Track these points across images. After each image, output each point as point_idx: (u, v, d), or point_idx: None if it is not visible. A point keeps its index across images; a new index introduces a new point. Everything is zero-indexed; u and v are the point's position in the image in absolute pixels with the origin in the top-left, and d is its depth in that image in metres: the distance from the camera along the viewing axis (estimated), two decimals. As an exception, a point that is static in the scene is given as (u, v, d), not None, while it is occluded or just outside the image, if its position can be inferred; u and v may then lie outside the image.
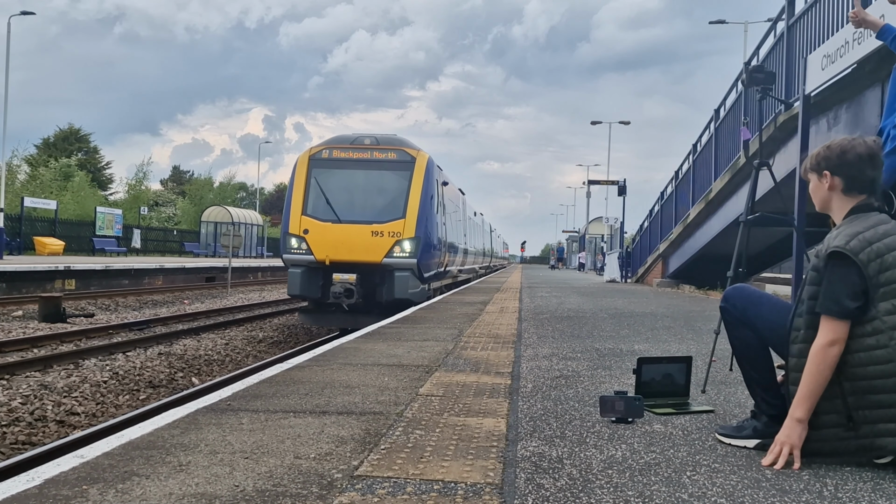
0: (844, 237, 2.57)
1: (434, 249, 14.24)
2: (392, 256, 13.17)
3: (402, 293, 13.00)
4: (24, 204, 35.35)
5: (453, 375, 4.50)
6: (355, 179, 13.82)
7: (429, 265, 13.86)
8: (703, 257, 16.76)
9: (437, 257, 14.79)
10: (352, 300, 12.94)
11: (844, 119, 8.95)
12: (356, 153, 13.87)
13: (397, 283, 13.08)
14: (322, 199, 13.60)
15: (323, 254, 13.17)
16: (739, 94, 13.26)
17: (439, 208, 15.20)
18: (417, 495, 2.24)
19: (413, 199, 13.42)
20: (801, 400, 2.56)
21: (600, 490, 2.32)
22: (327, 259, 13.15)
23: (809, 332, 2.60)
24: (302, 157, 14.10)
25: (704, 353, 5.43)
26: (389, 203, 13.63)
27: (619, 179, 27.83)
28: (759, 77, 5.05)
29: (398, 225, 13.27)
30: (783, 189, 5.70)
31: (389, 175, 13.86)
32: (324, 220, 13.40)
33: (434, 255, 14.31)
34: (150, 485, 2.29)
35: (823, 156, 2.75)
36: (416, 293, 13.18)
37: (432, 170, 14.33)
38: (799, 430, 2.57)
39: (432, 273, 14.45)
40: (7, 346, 10.59)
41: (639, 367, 3.64)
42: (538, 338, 6.75)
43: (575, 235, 65.99)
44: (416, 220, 13.25)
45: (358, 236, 13.17)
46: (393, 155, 13.86)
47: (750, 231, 4.64)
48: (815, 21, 9.52)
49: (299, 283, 13.25)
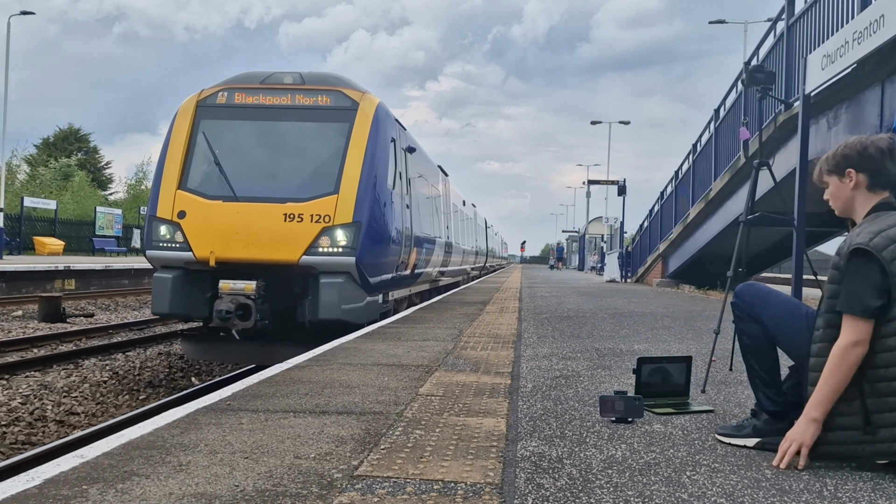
0: (867, 234, 2.52)
1: (389, 242, 9.45)
2: (316, 253, 8.37)
3: (331, 310, 8.28)
4: (23, 204, 35.37)
5: (453, 375, 4.50)
6: (265, 136, 9.23)
7: (379, 266, 9.11)
8: (703, 257, 16.76)
9: (396, 254, 9.89)
10: (247, 323, 8.20)
11: (844, 119, 8.95)
12: (269, 97, 9.17)
13: (324, 294, 8.27)
14: (210, 165, 8.84)
15: (206, 249, 8.41)
16: (739, 94, 13.27)
17: (400, 182, 10.38)
18: (417, 495, 2.24)
19: (352, 165, 8.62)
20: (819, 400, 2.51)
21: (600, 490, 2.32)
22: (212, 257, 8.37)
23: (828, 332, 2.56)
24: (185, 104, 9.26)
25: (704, 353, 5.43)
26: (315, 171, 8.94)
27: (619, 179, 27.85)
28: (759, 77, 5.05)
29: (327, 204, 8.45)
30: (783, 189, 5.70)
31: (317, 129, 9.22)
32: (211, 198, 8.58)
33: (389, 250, 9.47)
34: (150, 485, 2.29)
35: (843, 154, 2.71)
36: (357, 310, 8.58)
37: (386, 123, 9.48)
38: (813, 430, 2.52)
39: (388, 278, 9.67)
40: (7, 346, 10.58)
41: (639, 367, 3.64)
42: (538, 338, 6.75)
43: (575, 235, 65.98)
44: (358, 196, 8.50)
45: (263, 222, 8.41)
46: (325, 100, 9.10)
47: (750, 231, 4.64)
48: (815, 21, 9.52)
49: (169, 296, 8.44)
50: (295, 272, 8.58)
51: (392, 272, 9.84)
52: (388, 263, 9.51)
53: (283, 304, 8.78)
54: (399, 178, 10.34)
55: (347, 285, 8.42)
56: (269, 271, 8.52)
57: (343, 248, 8.42)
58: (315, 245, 8.38)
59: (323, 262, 8.40)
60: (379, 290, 9.35)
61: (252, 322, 8.22)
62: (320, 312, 8.30)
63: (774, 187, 4.99)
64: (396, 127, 10.38)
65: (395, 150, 10.09)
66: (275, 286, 8.63)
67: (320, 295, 8.31)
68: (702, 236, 16.42)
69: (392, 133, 9.86)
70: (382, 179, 9.18)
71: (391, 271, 9.77)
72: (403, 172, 10.78)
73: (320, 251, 8.39)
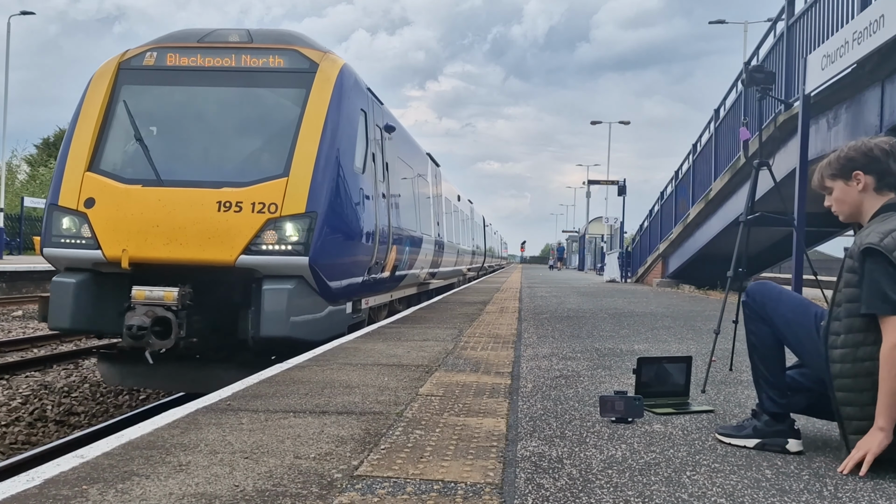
0: (877, 234, 2.50)
1: (357, 238, 7.75)
2: (259, 251, 6.62)
3: (275, 325, 6.53)
4: (23, 204, 35.38)
5: (453, 375, 4.50)
6: (200, 105, 7.50)
7: (343, 267, 7.41)
8: (703, 257, 16.77)
9: (368, 253, 8.15)
10: (166, 342, 6.41)
11: (844, 119, 8.96)
12: (209, 58, 7.44)
13: (267, 304, 6.54)
14: (130, 141, 7.18)
15: (118, 246, 6.66)
16: (739, 94, 13.27)
17: (373, 166, 8.60)
18: (417, 495, 2.24)
19: (307, 141, 6.94)
20: (882, 408, 2.44)
21: (600, 490, 2.32)
22: (125, 257, 6.61)
23: (850, 337, 2.52)
24: (103, 67, 7.52)
25: (704, 353, 5.43)
26: (261, 148, 7.30)
27: (619, 179, 27.85)
28: (759, 77, 5.05)
29: (274, 189, 6.75)
30: (783, 189, 5.70)
31: (266, 96, 7.50)
32: (128, 182, 6.86)
33: (357, 247, 7.78)
34: (150, 485, 2.29)
35: (847, 157, 2.68)
36: (314, 323, 6.88)
37: (354, 91, 7.80)
38: (880, 438, 2.45)
39: (357, 282, 7.94)
40: (7, 346, 10.59)
41: (639, 367, 3.64)
42: (538, 338, 6.75)
43: (575, 235, 66.00)
44: (314, 180, 6.81)
45: (191, 212, 6.68)
46: (277, 61, 7.41)
47: (750, 231, 4.64)
48: (815, 21, 9.52)
49: (70, 306, 6.73)
50: (232, 276, 6.79)
51: (363, 275, 8.05)
52: (356, 264, 7.75)
53: (220, 316, 6.96)
54: (372, 161, 8.53)
55: (299, 292, 6.67)
56: (199, 275, 6.71)
57: (293, 246, 6.65)
58: (257, 241, 6.60)
59: (267, 264, 6.62)
60: (345, 297, 7.64)
61: (173, 340, 6.37)
62: (262, 328, 6.49)
63: (774, 187, 4.99)
64: (369, 98, 8.61)
65: (367, 125, 8.37)
66: (207, 294, 6.80)
67: (263, 305, 6.51)
68: (702, 236, 16.43)
69: (362, 104, 8.13)
70: (348, 160, 7.42)
71: (361, 273, 8.00)
72: (379, 154, 8.97)
73: (264, 249, 6.61)
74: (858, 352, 2.51)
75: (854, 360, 2.51)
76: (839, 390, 2.56)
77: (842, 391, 2.55)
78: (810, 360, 2.79)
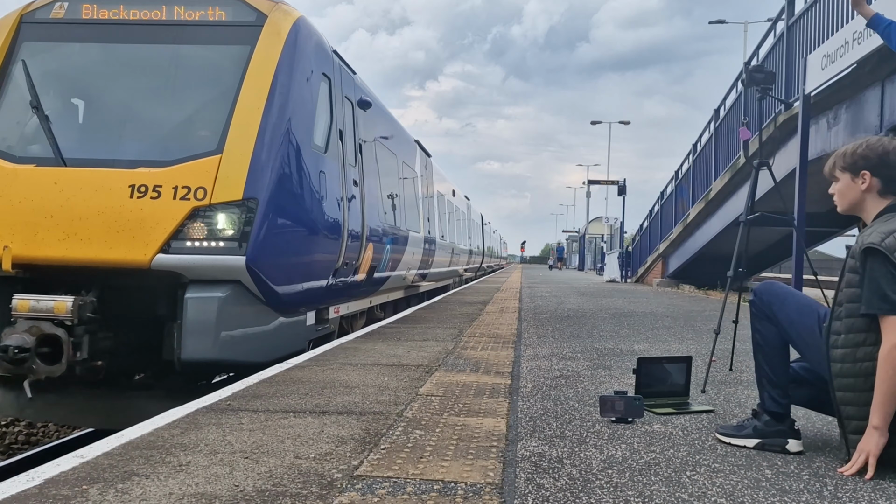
0: (879, 234, 2.50)
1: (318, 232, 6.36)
2: (182, 249, 5.32)
3: (200, 344, 5.23)
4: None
5: (453, 375, 4.50)
6: (120, 67, 6.08)
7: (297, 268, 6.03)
8: (703, 257, 16.77)
9: (334, 250, 6.73)
10: (54, 368, 4.99)
11: (844, 119, 8.96)
12: (133, 10, 6.11)
13: (191, 316, 5.25)
14: (27, 110, 5.78)
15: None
16: (739, 94, 13.27)
17: (340, 146, 7.08)
18: (417, 495, 2.24)
19: (248, 110, 5.62)
20: (876, 407, 2.45)
21: (600, 490, 2.32)
22: (6, 256, 5.30)
23: (851, 337, 2.53)
24: (1, 21, 6.21)
25: (704, 353, 5.44)
26: (189, 119, 5.90)
27: (619, 179, 27.88)
28: (759, 77, 5.04)
29: (202, 170, 5.42)
30: (783, 189, 5.70)
31: (201, 55, 6.08)
32: (19, 161, 5.58)
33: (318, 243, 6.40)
34: (150, 485, 2.29)
35: (861, 155, 2.66)
36: (254, 339, 5.60)
37: (312, 50, 6.45)
38: (876, 438, 2.45)
39: (319, 286, 6.53)
40: (7, 345, 10.57)
41: (639, 367, 3.64)
42: (538, 338, 6.75)
43: (575, 235, 66.03)
44: (255, 158, 5.48)
45: (95, 198, 5.34)
46: (217, 13, 6.06)
47: (750, 231, 4.64)
48: (815, 21, 9.52)
49: None
50: (149, 281, 5.38)
51: (327, 277, 6.63)
52: (317, 264, 6.37)
53: (138, 332, 5.60)
54: (339, 140, 7.00)
55: (234, 301, 5.32)
56: (108, 280, 5.37)
57: (226, 242, 5.29)
58: (180, 236, 5.23)
59: (193, 265, 5.22)
60: (303, 306, 6.29)
61: (64, 365, 4.93)
62: (184, 348, 5.13)
63: (774, 187, 4.99)
64: (335, 63, 7.09)
65: (332, 94, 6.86)
66: (118, 304, 5.45)
67: (184, 319, 5.16)
68: (702, 236, 16.43)
69: (325, 67, 6.63)
70: (304, 135, 6.07)
71: (326, 276, 6.59)
72: (348, 132, 7.41)
73: (189, 247, 5.22)
74: (858, 352, 2.51)
75: (854, 359, 2.52)
76: (839, 389, 2.56)
77: (842, 391, 2.55)
78: (814, 360, 2.79)
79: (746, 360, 5.08)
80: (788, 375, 2.89)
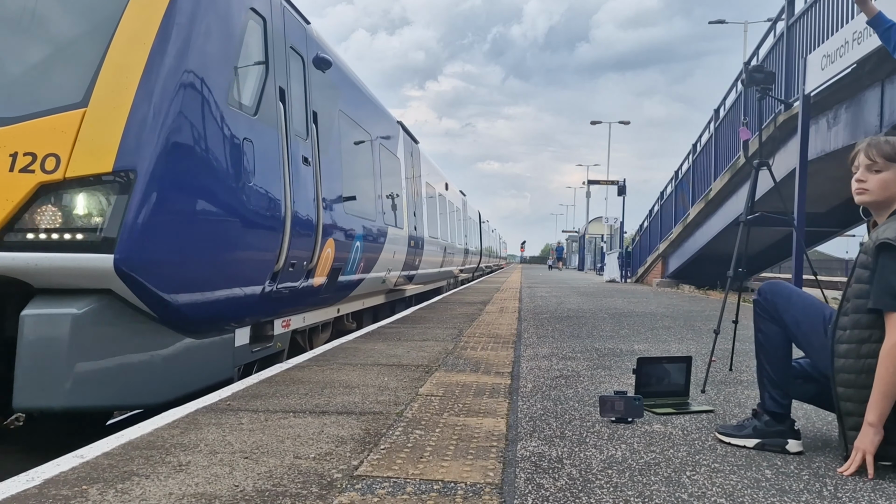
0: (895, 231, 2.48)
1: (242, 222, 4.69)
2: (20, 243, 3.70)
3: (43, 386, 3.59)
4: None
5: (453, 375, 4.50)
6: None
7: (208, 270, 4.41)
8: (703, 257, 16.78)
9: (272, 246, 5.23)
10: None
11: (844, 119, 8.96)
12: None
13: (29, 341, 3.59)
14: None
15: None
16: (739, 94, 13.28)
17: (282, 109, 5.54)
18: (417, 495, 2.24)
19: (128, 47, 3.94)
20: (872, 403, 2.44)
21: (600, 490, 2.32)
22: None
23: (855, 332, 2.52)
24: None
25: (704, 353, 5.44)
26: (45, 62, 4.04)
27: (619, 179, 27.85)
28: (759, 77, 5.04)
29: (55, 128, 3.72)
30: (783, 189, 5.70)
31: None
32: None
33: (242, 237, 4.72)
34: (149, 485, 2.29)
35: None
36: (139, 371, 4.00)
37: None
38: (871, 435, 2.45)
39: (249, 294, 5.01)
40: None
41: (639, 367, 3.64)
42: (538, 338, 6.75)
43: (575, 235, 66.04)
44: (136, 110, 3.80)
45: None
46: None
47: (750, 231, 4.64)
48: (815, 21, 9.53)
49: None
50: None
51: (263, 282, 5.18)
52: (243, 264, 4.84)
53: None
54: (279, 102, 5.47)
55: (101, 319, 3.86)
56: None
57: (86, 233, 3.77)
58: (20, 225, 3.74)
59: (39, 268, 3.74)
60: (226, 320, 4.83)
61: None
62: (16, 390, 3.63)
63: (774, 187, 4.99)
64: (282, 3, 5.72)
65: (268, 40, 5.33)
66: None
67: (20, 347, 3.66)
68: (702, 236, 16.44)
69: (255, 1, 5.14)
70: (218, 86, 4.46)
71: (260, 280, 5.14)
72: (296, 95, 5.92)
73: (31, 240, 3.74)
74: (862, 348, 2.50)
75: (857, 356, 2.51)
76: (840, 385, 2.56)
77: (843, 386, 2.55)
78: (819, 361, 2.78)
79: (746, 360, 5.09)
80: (790, 376, 2.88)
